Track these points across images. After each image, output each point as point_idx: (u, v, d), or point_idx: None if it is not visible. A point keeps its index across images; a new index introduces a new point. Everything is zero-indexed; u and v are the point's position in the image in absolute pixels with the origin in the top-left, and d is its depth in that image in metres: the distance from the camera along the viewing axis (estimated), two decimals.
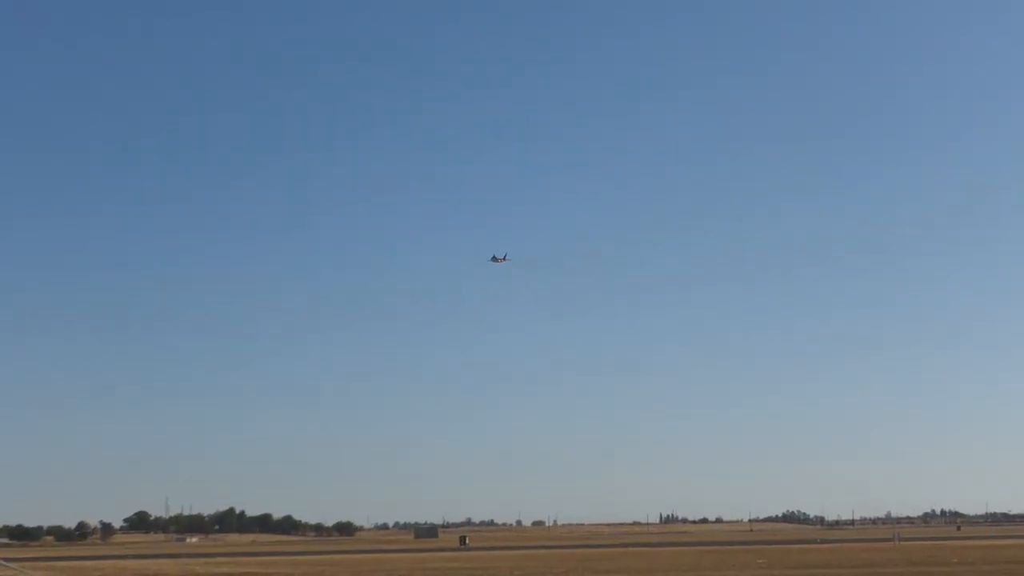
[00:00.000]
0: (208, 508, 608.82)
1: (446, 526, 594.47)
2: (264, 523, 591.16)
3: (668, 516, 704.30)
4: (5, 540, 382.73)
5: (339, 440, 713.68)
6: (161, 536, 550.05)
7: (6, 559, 74.52)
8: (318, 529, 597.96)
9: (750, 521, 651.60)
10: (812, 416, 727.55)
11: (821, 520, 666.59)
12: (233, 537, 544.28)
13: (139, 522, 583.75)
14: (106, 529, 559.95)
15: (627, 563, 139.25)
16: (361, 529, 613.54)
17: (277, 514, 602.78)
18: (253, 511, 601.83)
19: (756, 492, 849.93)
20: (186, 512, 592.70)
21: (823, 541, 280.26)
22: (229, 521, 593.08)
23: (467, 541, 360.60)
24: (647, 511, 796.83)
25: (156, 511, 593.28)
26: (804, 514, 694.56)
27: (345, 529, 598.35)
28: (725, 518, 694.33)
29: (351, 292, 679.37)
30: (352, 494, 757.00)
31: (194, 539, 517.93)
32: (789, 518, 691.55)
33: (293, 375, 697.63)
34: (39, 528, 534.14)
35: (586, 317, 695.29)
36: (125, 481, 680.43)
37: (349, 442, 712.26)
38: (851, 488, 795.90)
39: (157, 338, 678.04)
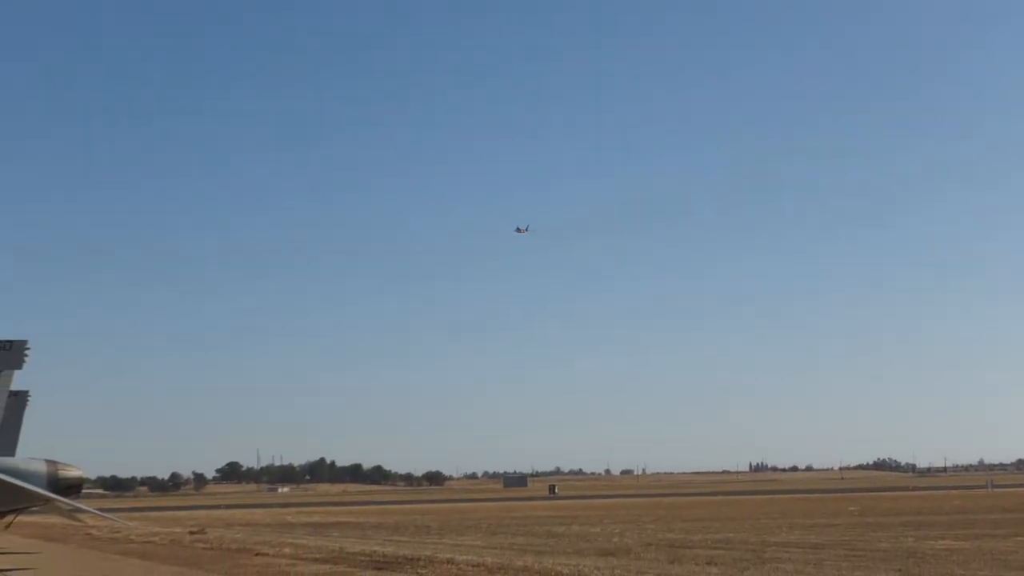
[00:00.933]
0: (299, 458, 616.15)
1: (535, 475, 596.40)
2: (354, 473, 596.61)
3: (758, 464, 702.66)
4: (100, 491, 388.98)
5: (429, 389, 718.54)
6: (253, 486, 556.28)
7: (102, 510, 76.00)
8: (408, 479, 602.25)
9: (841, 469, 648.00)
10: (903, 363, 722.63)
11: (913, 467, 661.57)
12: (324, 487, 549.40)
13: (231, 473, 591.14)
14: (199, 480, 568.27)
15: (717, 511, 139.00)
16: (450, 478, 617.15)
17: (367, 464, 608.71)
18: (344, 461, 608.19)
19: (847, 439, 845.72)
20: (277, 463, 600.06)
21: (915, 488, 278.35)
22: (320, 471, 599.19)
23: (556, 490, 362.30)
24: (737, 460, 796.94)
25: (248, 462, 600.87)
26: (895, 461, 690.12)
27: (435, 478, 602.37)
28: (815, 466, 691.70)
29: (440, 242, 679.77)
30: (442, 444, 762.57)
31: (285, 489, 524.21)
32: (880, 465, 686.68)
33: (383, 326, 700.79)
34: (133, 479, 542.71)
35: (681, 269, 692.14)
36: (217, 432, 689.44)
37: (439, 391, 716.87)
38: (943, 435, 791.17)
39: (246, 290, 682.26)
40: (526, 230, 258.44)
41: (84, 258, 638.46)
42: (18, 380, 64.25)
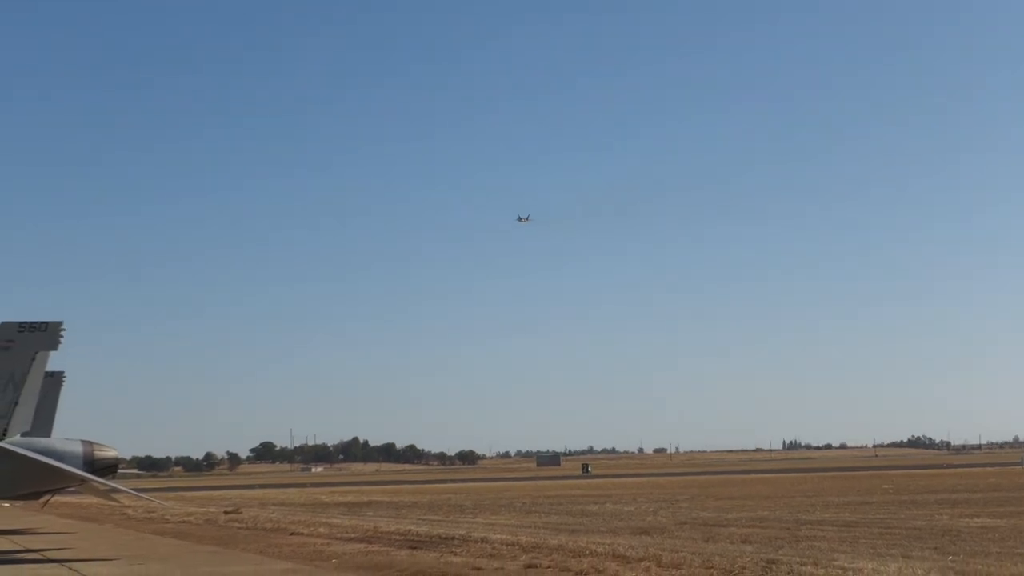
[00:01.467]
0: (332, 438, 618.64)
1: (568, 454, 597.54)
2: (388, 452, 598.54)
3: (791, 443, 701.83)
4: (135, 471, 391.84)
5: (460, 368, 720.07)
6: (287, 466, 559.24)
7: (137, 490, 76.52)
8: (441, 458, 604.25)
9: (875, 447, 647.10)
10: (937, 339, 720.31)
11: (947, 445, 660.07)
12: (357, 466, 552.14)
13: (265, 452, 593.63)
14: (233, 459, 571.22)
15: (750, 489, 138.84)
16: (483, 457, 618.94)
17: (400, 443, 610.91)
18: (376, 440, 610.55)
19: (880, 417, 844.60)
20: (311, 442, 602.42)
21: (949, 466, 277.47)
22: (353, 450, 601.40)
23: (589, 469, 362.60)
24: (770, 438, 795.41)
25: (281, 441, 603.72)
26: (929, 439, 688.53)
27: (468, 457, 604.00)
28: (849, 444, 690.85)
29: (471, 222, 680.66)
30: (474, 423, 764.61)
31: (319, 468, 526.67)
32: (914, 443, 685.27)
33: (415, 303, 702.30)
34: (167, 459, 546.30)
35: (705, 239, 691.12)
36: (251, 412, 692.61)
37: (470, 370, 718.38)
38: (977, 412, 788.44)
39: (280, 269, 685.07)
40: (527, 219, 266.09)
41: (119, 243, 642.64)
42: (53, 361, 65.04)
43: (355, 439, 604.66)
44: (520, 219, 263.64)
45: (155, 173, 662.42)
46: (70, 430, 72.28)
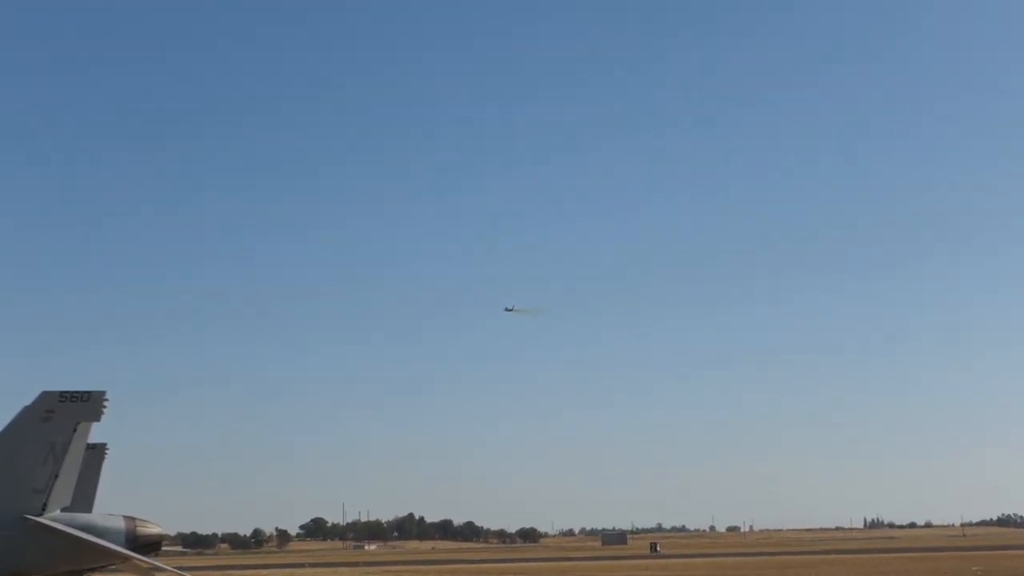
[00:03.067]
0: (387, 514, 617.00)
1: (635, 532, 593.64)
2: (444, 529, 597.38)
3: (873, 521, 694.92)
4: (179, 548, 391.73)
5: (522, 441, 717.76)
6: (338, 543, 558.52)
7: (181, 568, 76.04)
8: (501, 535, 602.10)
9: (962, 525, 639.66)
10: None
11: None
12: (413, 544, 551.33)
13: (316, 529, 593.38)
14: (282, 536, 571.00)
15: (830, 570, 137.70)
16: (546, 535, 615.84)
17: (458, 520, 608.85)
18: (433, 517, 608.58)
19: (968, 493, 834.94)
20: (364, 518, 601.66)
21: None
22: (408, 527, 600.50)
23: (658, 548, 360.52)
24: (851, 515, 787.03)
25: (333, 517, 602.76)
26: (1021, 517, 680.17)
27: (529, 535, 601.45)
28: (935, 522, 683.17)
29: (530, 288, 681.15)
30: (536, 498, 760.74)
31: (372, 546, 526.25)
32: (1004, 521, 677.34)
33: (475, 374, 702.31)
34: (214, 535, 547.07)
35: (781, 308, 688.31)
36: (302, 487, 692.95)
37: (532, 443, 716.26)
38: None
39: (334, 333, 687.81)
40: (513, 309, 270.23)
41: (163, 306, 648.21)
42: (95, 432, 65.43)
43: (410, 515, 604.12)
44: (507, 309, 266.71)
45: (196, 235, 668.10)
46: (112, 505, 72.61)
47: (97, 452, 74.70)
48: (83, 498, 70.24)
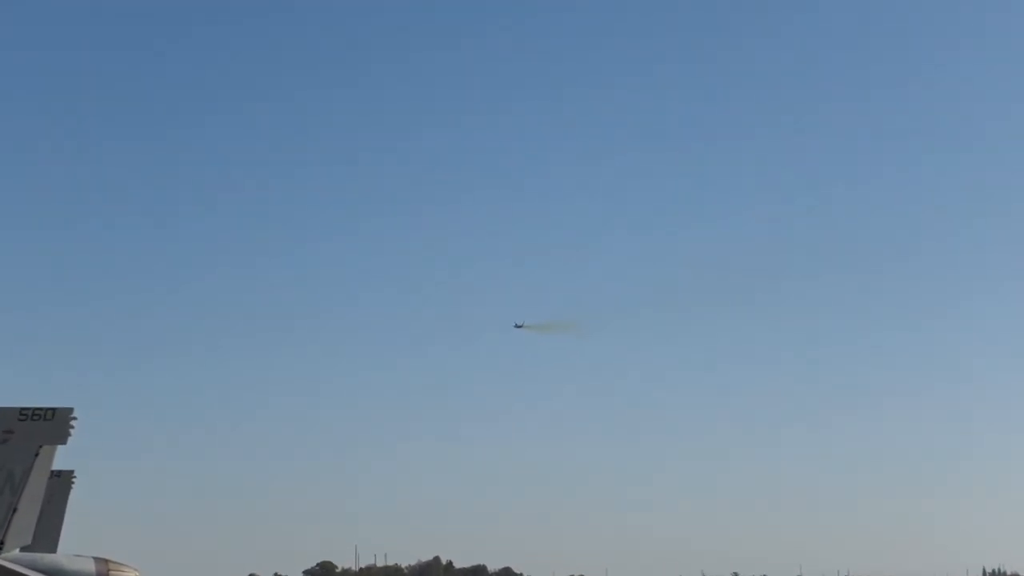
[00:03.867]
0: (407, 557, 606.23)
1: None
2: None
3: (994, 570, 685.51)
4: None
5: (562, 478, 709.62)
6: None
7: None
8: None
9: None
10: None
11: None
12: None
13: (323, 574, 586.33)
14: None
15: None
16: None
17: (493, 565, 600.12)
18: (463, 561, 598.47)
19: None
20: (379, 562, 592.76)
21: None
22: (433, 573, 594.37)
23: None
24: (966, 563, 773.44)
25: (344, 561, 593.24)
26: None
27: None
28: None
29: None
30: (587, 540, 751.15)
31: None
32: None
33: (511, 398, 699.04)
34: None
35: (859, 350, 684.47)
36: (305, 524, 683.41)
37: (582, 476, 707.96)
38: None
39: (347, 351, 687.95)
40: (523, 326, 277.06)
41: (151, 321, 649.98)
42: (61, 457, 59.88)
43: (436, 559, 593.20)
44: (517, 326, 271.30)
45: (186, 252, 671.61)
46: (80, 543, 66.67)
47: (63, 481, 69.38)
48: (47, 535, 64.52)
